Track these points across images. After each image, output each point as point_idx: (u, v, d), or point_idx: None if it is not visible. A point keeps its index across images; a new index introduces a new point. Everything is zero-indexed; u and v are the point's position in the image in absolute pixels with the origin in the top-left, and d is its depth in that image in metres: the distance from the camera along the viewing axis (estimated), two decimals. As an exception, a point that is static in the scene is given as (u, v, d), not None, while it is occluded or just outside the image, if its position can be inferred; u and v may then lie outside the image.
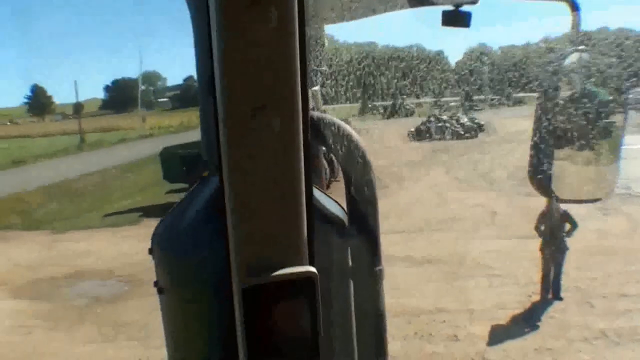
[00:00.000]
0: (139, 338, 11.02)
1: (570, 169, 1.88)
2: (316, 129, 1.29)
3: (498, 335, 10.01)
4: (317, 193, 1.28)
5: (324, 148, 1.45)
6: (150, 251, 1.31)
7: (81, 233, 20.62)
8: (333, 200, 1.36)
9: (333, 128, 1.32)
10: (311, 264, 1.07)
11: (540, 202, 18.92)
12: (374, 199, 1.33)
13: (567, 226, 11.18)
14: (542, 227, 11.31)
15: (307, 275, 1.04)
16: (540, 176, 1.78)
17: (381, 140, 40.98)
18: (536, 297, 11.35)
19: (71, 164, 35.17)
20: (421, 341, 10.05)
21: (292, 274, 1.03)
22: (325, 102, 1.58)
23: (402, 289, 12.27)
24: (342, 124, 1.33)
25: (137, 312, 12.14)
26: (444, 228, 17.29)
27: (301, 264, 1.05)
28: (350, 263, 1.31)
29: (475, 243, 15.34)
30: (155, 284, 1.30)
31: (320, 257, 1.15)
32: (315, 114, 1.35)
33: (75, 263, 16.43)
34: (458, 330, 10.28)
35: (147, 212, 21.87)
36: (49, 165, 36.75)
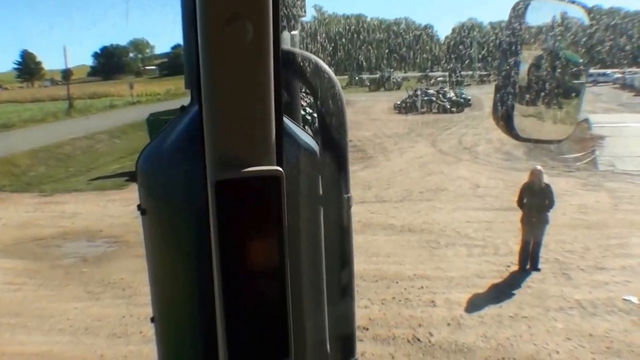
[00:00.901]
0: (124, 296, 11.15)
1: (531, 114, 1.91)
2: (292, 64, 1.36)
3: (475, 302, 10.08)
4: (290, 124, 1.33)
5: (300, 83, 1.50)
6: (134, 176, 1.34)
7: (69, 196, 20.82)
8: (305, 132, 1.40)
9: (309, 63, 1.37)
10: (279, 165, 1.12)
11: (523, 177, 19.08)
12: (345, 131, 1.38)
13: (547, 201, 11.19)
14: (525, 200, 11.30)
15: (274, 174, 1.09)
16: (502, 115, 1.79)
17: (367, 112, 41.09)
18: (515, 268, 11.42)
19: (60, 129, 35.36)
20: (399, 306, 10.11)
21: (260, 171, 1.09)
22: None
23: (382, 255, 12.35)
24: (318, 60, 1.38)
25: (123, 272, 12.26)
26: (427, 199, 17.37)
27: (269, 164, 1.11)
28: (320, 191, 1.35)
29: (456, 214, 15.43)
30: (139, 207, 1.33)
31: (292, 186, 1.22)
32: (292, 49, 1.41)
33: (62, 224, 16.55)
34: (436, 297, 10.35)
35: (133, 177, 21.92)
36: (38, 129, 36.98)
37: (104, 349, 9.25)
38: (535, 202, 11.09)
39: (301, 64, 1.36)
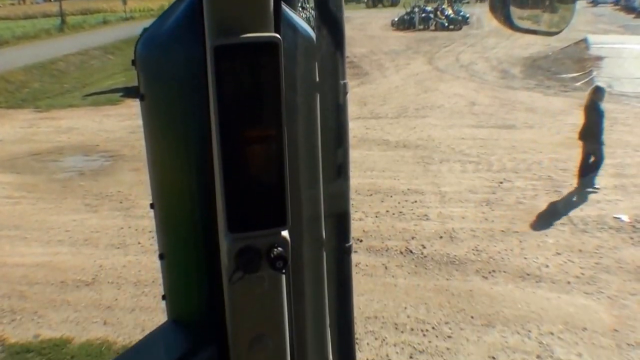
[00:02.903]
0: (122, 209, 11.27)
1: (527, 17, 1.90)
2: None
3: (467, 216, 10.20)
4: (287, 10, 1.33)
5: None
6: (133, 62, 1.32)
7: (64, 111, 20.75)
8: (302, 20, 1.38)
9: None
10: (277, 32, 1.14)
11: (520, 95, 19.02)
12: (341, 8, 1.39)
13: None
14: (585, 117, 11.29)
15: (272, 40, 1.10)
16: (500, 9, 1.79)
17: (364, 29, 40.52)
18: (508, 184, 11.51)
19: (53, 45, 34.99)
20: (392, 219, 10.23)
21: (258, 37, 1.10)
22: None
23: (377, 170, 12.42)
24: None
25: (120, 185, 12.37)
26: (422, 115, 17.34)
27: (267, 31, 1.12)
28: (317, 78, 1.36)
29: (451, 131, 15.43)
30: (138, 93, 1.32)
31: (289, 71, 1.21)
32: None
33: (58, 139, 16.54)
34: (429, 211, 10.46)
35: (128, 92, 21.93)
36: (31, 46, 36.60)
37: (102, 259, 9.39)
38: (592, 120, 11.12)
39: None
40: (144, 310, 7.90)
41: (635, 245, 9.16)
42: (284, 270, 1.17)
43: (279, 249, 1.15)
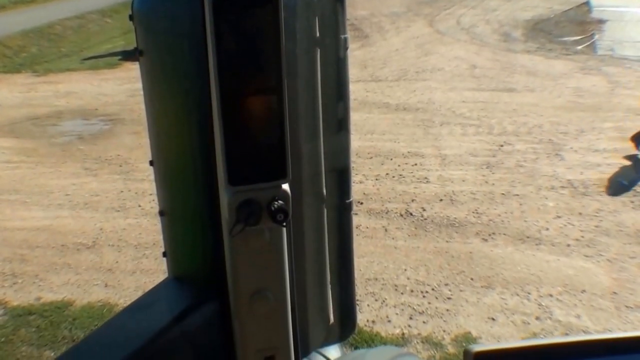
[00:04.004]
0: (121, 172, 11.24)
1: None
2: None
3: (467, 179, 10.19)
4: None
5: None
6: (131, 17, 1.31)
7: (62, 75, 20.54)
8: None
9: None
10: None
11: (519, 58, 18.86)
12: None
13: None
14: None
15: None
16: None
17: (364, -10, 40.02)
18: (508, 147, 11.47)
19: (50, 9, 34.65)
20: (392, 181, 10.22)
21: None
22: None
23: (377, 133, 12.39)
24: None
25: (119, 149, 12.32)
26: (422, 78, 17.21)
27: None
28: (317, 32, 1.36)
29: (452, 94, 15.32)
30: (136, 49, 1.31)
31: (290, 27, 1.22)
32: None
33: (57, 103, 16.41)
34: (429, 173, 10.44)
35: (126, 56, 21.77)
36: (28, 11, 36.19)
37: (103, 222, 9.41)
38: None
39: None
40: (145, 273, 7.94)
41: (636, 209, 9.17)
42: (284, 224, 1.17)
43: (280, 202, 1.16)
